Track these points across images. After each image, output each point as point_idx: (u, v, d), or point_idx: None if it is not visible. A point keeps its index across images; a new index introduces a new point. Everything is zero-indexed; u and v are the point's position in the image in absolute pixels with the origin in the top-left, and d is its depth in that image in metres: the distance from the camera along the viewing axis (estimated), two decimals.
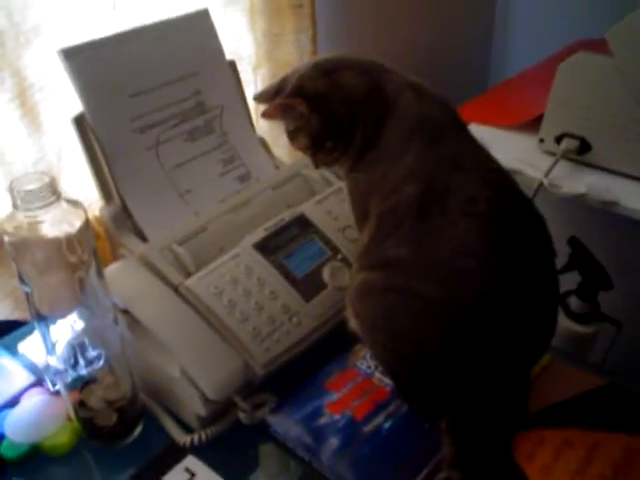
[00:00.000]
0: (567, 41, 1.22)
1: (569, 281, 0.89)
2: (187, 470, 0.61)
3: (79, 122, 0.70)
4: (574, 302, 0.91)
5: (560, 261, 0.85)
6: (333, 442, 0.61)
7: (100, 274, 0.59)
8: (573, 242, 0.86)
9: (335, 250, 0.73)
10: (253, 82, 0.99)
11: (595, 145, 0.88)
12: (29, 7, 0.70)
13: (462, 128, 0.62)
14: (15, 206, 0.53)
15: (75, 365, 0.62)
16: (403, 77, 0.63)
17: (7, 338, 0.77)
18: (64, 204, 0.55)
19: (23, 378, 0.71)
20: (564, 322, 0.91)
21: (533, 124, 0.94)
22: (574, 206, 0.87)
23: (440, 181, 0.57)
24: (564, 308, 0.91)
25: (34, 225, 0.54)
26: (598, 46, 0.87)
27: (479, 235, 0.55)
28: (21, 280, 0.56)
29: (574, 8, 1.36)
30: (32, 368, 0.72)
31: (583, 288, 0.89)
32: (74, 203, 0.56)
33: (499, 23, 1.51)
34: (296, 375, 0.67)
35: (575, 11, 1.35)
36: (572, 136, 0.89)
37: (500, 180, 0.59)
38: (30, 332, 0.74)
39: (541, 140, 0.93)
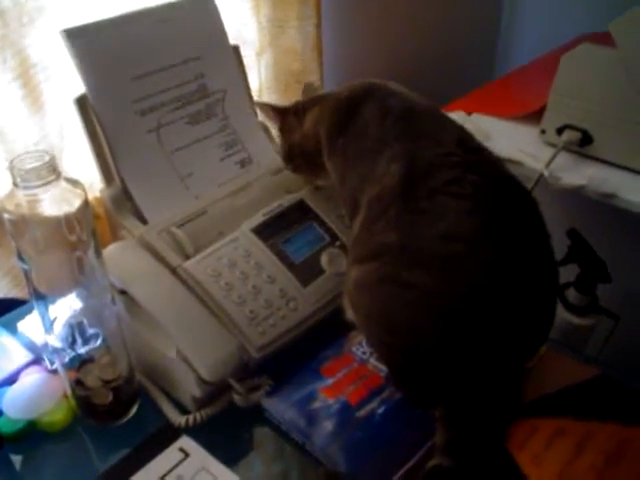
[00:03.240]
0: (576, 33, 1.22)
1: (567, 273, 0.89)
2: (181, 450, 0.61)
3: (81, 103, 0.70)
4: (572, 294, 0.91)
5: (559, 253, 0.85)
6: (326, 426, 0.61)
7: (98, 254, 0.60)
8: (572, 234, 0.85)
9: (334, 236, 0.74)
10: (256, 67, 0.98)
11: (597, 137, 0.87)
12: None
13: (441, 114, 0.64)
14: (15, 184, 0.53)
15: (73, 344, 0.63)
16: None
17: (6, 317, 0.78)
18: (64, 183, 0.55)
19: (21, 356, 0.72)
20: (561, 314, 0.91)
21: (535, 115, 0.94)
22: (574, 198, 0.87)
23: (421, 159, 0.58)
24: (562, 300, 0.91)
25: (33, 203, 0.54)
26: (607, 39, 0.86)
27: (467, 218, 0.54)
28: (20, 258, 0.57)
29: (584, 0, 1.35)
30: (30, 346, 0.73)
31: (581, 280, 0.89)
32: (74, 182, 0.56)
33: (506, 14, 1.50)
34: (292, 360, 0.68)
35: (585, 3, 1.34)
36: (574, 128, 0.89)
37: (483, 161, 0.59)
38: (29, 311, 0.75)
39: (542, 131, 0.93)
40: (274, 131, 0.77)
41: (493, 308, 0.53)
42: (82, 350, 0.63)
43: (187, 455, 0.61)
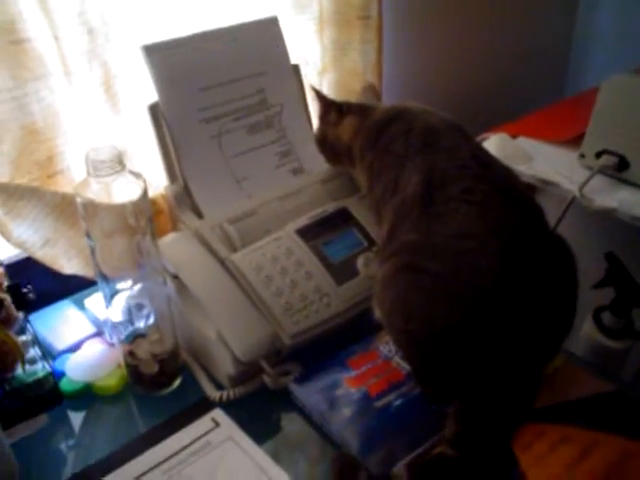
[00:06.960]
0: None
1: (604, 296, 0.90)
2: (213, 420, 0.68)
3: (154, 110, 0.79)
4: (607, 317, 0.92)
5: (596, 276, 0.87)
6: (345, 412, 0.66)
7: (154, 240, 0.68)
8: (610, 257, 0.87)
9: (372, 242, 0.79)
10: (318, 86, 1.05)
11: (633, 163, 0.89)
12: (118, 7, 0.79)
13: (461, 132, 0.70)
14: (88, 173, 0.63)
15: (129, 321, 0.71)
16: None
17: (77, 295, 0.88)
18: (128, 175, 0.64)
19: (86, 329, 0.82)
20: (596, 337, 0.92)
21: (578, 140, 0.96)
22: (610, 221, 0.88)
23: (438, 170, 0.65)
24: (597, 323, 0.92)
25: (102, 191, 0.63)
26: None
27: (478, 220, 0.60)
28: (88, 236, 0.66)
29: None
30: (94, 321, 0.82)
31: (617, 303, 0.90)
32: (136, 175, 0.65)
33: (577, 39, 1.50)
34: (323, 352, 0.73)
35: None
36: (612, 153, 0.91)
37: (494, 173, 0.65)
38: (96, 290, 0.84)
39: (582, 155, 0.95)
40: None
41: (501, 294, 0.58)
42: (137, 326, 0.71)
43: (217, 425, 0.68)
